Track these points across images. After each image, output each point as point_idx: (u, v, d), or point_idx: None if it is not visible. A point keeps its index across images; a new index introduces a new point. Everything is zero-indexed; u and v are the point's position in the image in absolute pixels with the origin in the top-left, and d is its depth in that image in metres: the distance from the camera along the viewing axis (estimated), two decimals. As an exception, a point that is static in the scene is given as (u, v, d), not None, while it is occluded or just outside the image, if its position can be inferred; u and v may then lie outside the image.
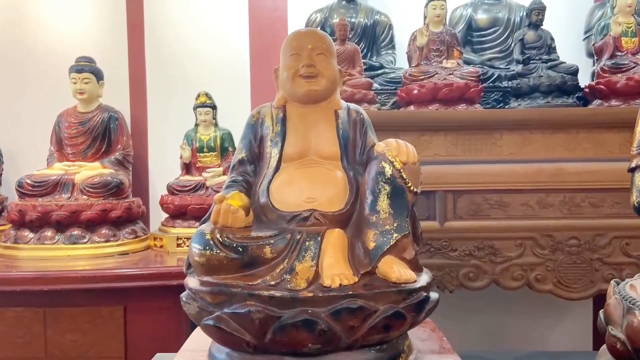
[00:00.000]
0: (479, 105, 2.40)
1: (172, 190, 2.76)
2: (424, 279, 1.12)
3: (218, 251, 1.05)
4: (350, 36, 2.83)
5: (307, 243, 1.08)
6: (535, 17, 2.50)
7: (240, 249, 1.05)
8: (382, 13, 3.04)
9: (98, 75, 2.91)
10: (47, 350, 2.34)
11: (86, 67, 2.86)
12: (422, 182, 1.16)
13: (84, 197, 2.67)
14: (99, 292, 2.30)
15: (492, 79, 2.71)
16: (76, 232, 2.61)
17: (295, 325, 0.97)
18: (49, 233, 2.60)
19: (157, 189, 3.09)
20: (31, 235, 2.62)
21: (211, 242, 1.06)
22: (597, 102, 2.36)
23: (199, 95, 2.88)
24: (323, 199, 1.14)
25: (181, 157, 2.88)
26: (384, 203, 1.09)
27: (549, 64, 2.46)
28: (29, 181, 2.68)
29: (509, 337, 3.00)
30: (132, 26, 3.19)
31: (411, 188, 1.11)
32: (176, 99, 3.15)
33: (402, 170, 1.12)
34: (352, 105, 1.36)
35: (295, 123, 1.29)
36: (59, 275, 2.32)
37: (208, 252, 1.05)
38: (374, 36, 2.99)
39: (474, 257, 2.21)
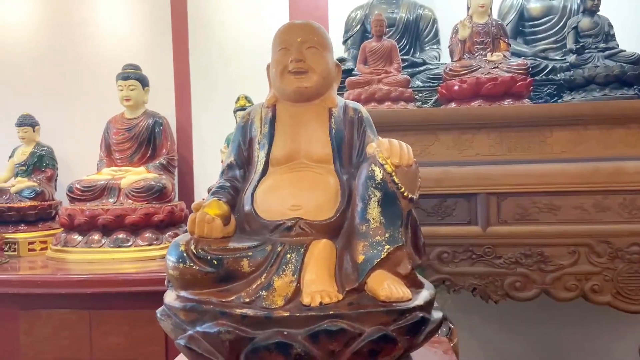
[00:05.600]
0: (528, 100, 2.22)
1: (212, 193, 2.76)
2: (422, 296, 0.98)
3: (192, 264, 0.98)
4: (391, 32, 2.72)
5: (289, 255, 0.97)
6: (590, 2, 2.27)
7: (215, 262, 0.97)
8: (426, 7, 2.90)
9: (143, 82, 2.97)
10: (92, 353, 2.39)
11: (132, 75, 2.93)
12: (420, 187, 1.02)
13: (129, 201, 2.74)
14: (140, 295, 2.32)
15: (546, 71, 2.51)
16: (121, 235, 2.68)
17: (268, 348, 0.87)
18: (95, 237, 2.68)
19: (202, 192, 3.12)
20: (79, 238, 2.70)
21: (184, 255, 0.99)
22: (661, 93, 2.12)
23: (238, 99, 2.87)
24: (310, 207, 1.03)
25: (222, 161, 2.88)
26: (374, 211, 0.97)
27: (607, 52, 2.22)
28: (78, 186, 2.77)
29: (562, 353, 2.76)
30: (177, 32, 3.24)
31: (405, 194, 0.98)
32: (219, 103, 3.16)
33: (393, 174, 0.98)
34: (351, 103, 1.23)
35: (284, 123, 1.19)
36: (103, 278, 2.38)
37: (181, 265, 0.98)
38: (417, 31, 2.85)
39: (520, 265, 2.04)
